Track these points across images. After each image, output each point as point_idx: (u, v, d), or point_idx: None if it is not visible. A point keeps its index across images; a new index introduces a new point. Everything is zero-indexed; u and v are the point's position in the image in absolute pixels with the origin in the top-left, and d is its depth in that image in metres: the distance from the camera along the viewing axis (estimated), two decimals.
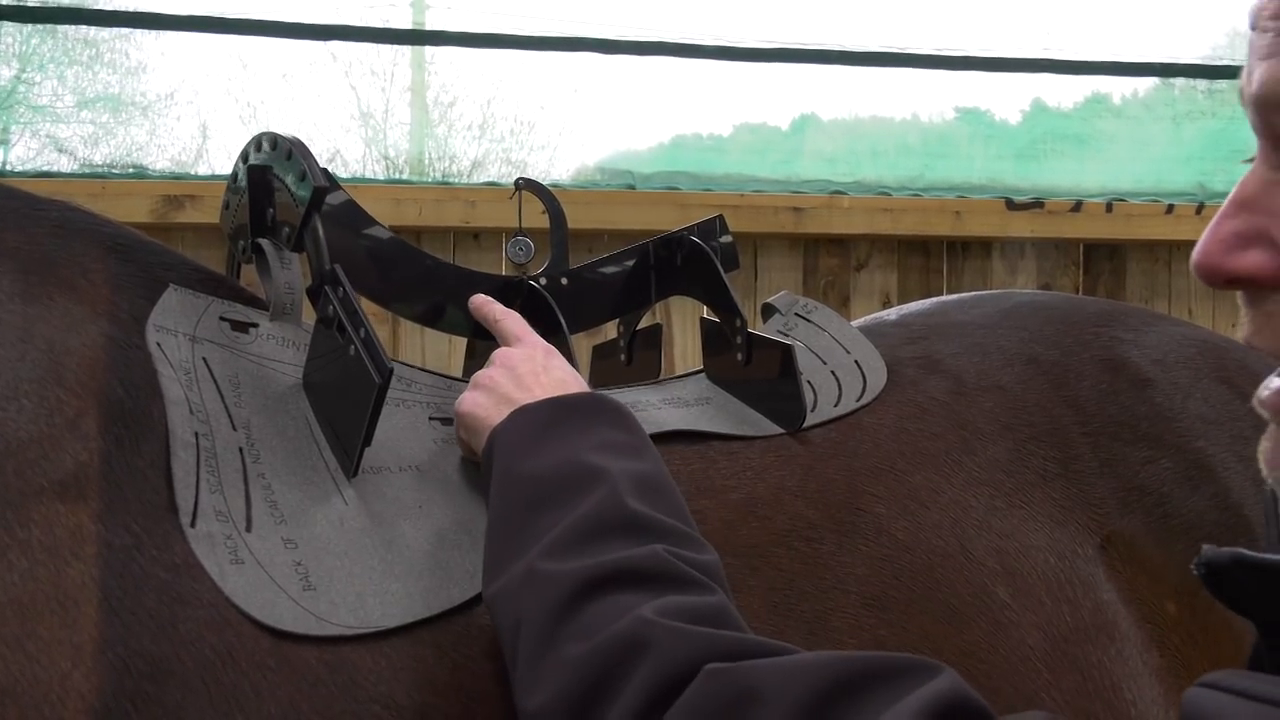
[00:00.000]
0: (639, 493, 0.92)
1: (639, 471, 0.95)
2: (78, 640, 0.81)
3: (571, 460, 0.94)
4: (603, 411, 1.01)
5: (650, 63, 3.22)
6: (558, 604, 0.84)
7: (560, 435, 0.97)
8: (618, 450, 0.97)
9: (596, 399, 1.02)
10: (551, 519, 0.90)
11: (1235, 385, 1.27)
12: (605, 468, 0.93)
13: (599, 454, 0.95)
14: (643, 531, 0.89)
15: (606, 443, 0.97)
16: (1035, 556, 1.11)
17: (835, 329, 1.31)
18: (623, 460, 0.95)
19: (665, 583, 0.84)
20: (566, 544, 0.88)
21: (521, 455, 0.96)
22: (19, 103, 3.21)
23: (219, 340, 1.02)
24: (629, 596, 0.82)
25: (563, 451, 0.95)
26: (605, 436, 0.98)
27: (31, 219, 0.99)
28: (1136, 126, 3.56)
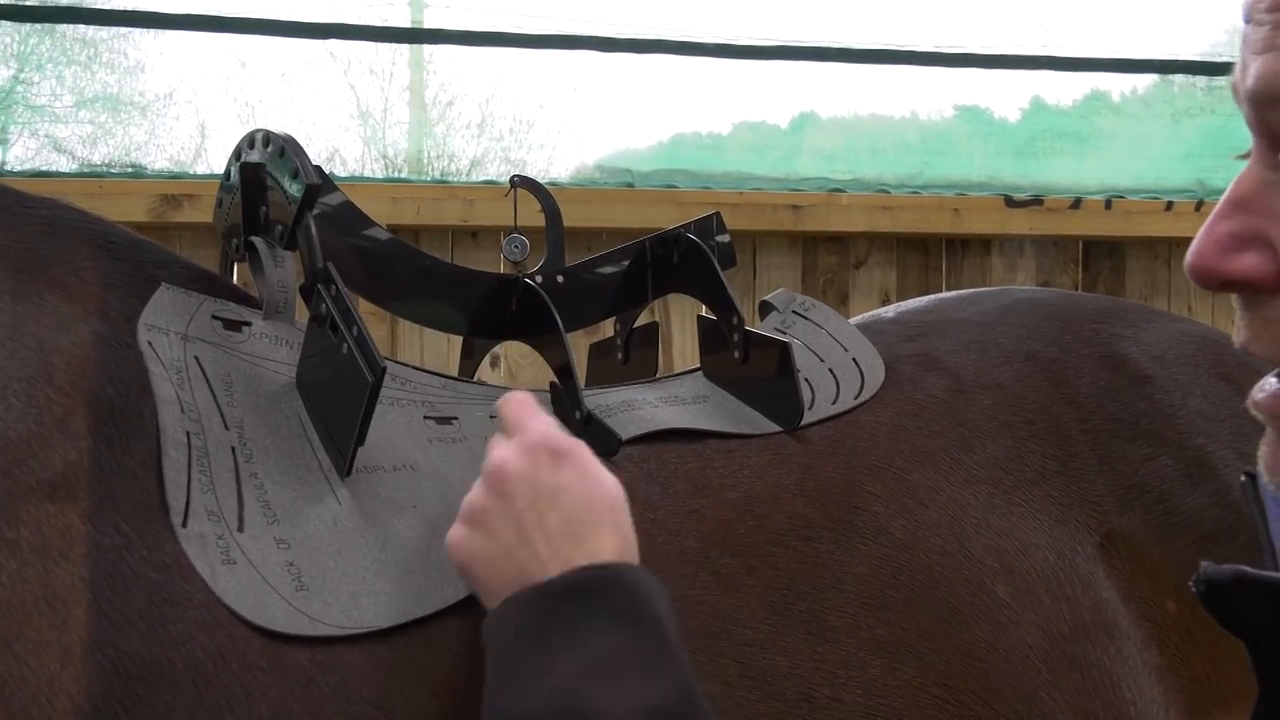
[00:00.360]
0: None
1: (637, 707, 0.78)
2: (67, 642, 0.81)
3: (563, 702, 0.78)
4: (610, 602, 0.83)
5: (649, 61, 3.21)
6: None
7: (550, 653, 0.81)
8: (612, 673, 0.80)
9: (600, 580, 0.84)
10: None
11: (1235, 382, 1.26)
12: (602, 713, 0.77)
13: (597, 684, 0.79)
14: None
15: (608, 660, 0.80)
16: (1034, 554, 1.11)
17: (833, 326, 1.30)
18: (627, 691, 0.79)
19: None
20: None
21: (512, 686, 0.81)
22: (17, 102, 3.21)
23: (211, 339, 1.01)
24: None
25: (551, 682, 0.79)
26: (605, 647, 0.81)
27: (21, 217, 0.99)
28: (1136, 124, 3.56)
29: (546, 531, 0.86)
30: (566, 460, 0.89)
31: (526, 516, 0.87)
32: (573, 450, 0.90)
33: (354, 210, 1.17)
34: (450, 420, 1.08)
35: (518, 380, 2.77)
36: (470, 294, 1.23)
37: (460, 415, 1.09)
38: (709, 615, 1.00)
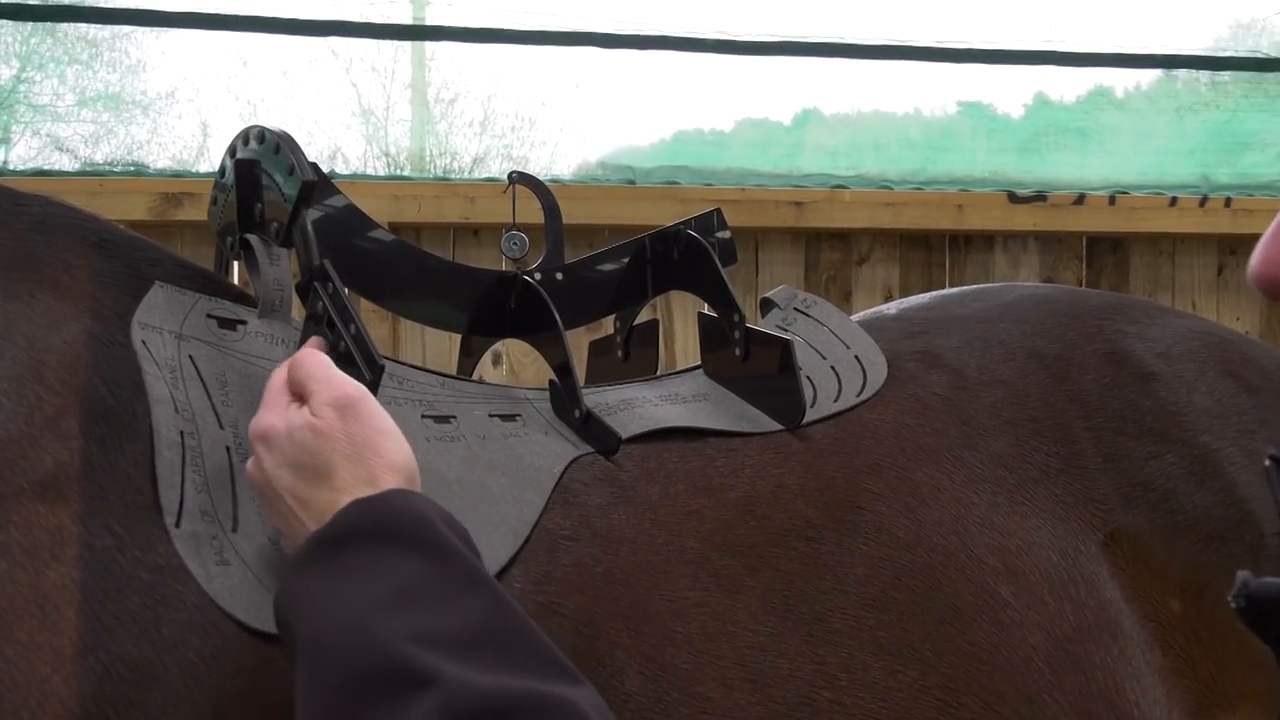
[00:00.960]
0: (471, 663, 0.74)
1: (457, 635, 0.75)
2: (58, 644, 0.80)
3: (368, 644, 0.75)
4: (396, 537, 0.80)
5: (651, 58, 3.20)
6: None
7: (346, 594, 0.77)
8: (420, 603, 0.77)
9: (383, 518, 0.81)
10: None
11: (1241, 378, 1.25)
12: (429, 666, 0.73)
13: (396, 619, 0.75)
14: None
15: (406, 593, 0.77)
16: (1038, 554, 1.10)
17: (835, 324, 1.29)
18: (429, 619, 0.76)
19: None
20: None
21: (310, 630, 0.77)
22: (19, 102, 3.20)
23: (206, 338, 1.00)
24: None
25: (351, 621, 0.76)
26: (401, 579, 0.78)
27: (12, 214, 0.98)
28: (1139, 119, 3.55)
29: (291, 491, 0.85)
30: (294, 426, 0.87)
31: (267, 487, 0.87)
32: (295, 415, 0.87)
33: (352, 208, 1.16)
34: (448, 419, 1.07)
35: (520, 378, 2.76)
36: (469, 292, 1.22)
37: (458, 414, 1.08)
38: (709, 617, 0.99)
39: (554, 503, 1.03)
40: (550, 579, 0.98)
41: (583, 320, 1.30)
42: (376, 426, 0.86)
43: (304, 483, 0.84)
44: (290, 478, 0.85)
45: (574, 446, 1.09)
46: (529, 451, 1.07)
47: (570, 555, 1.00)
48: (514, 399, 1.14)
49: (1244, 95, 3.51)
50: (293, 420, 0.87)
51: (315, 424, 0.85)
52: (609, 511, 1.03)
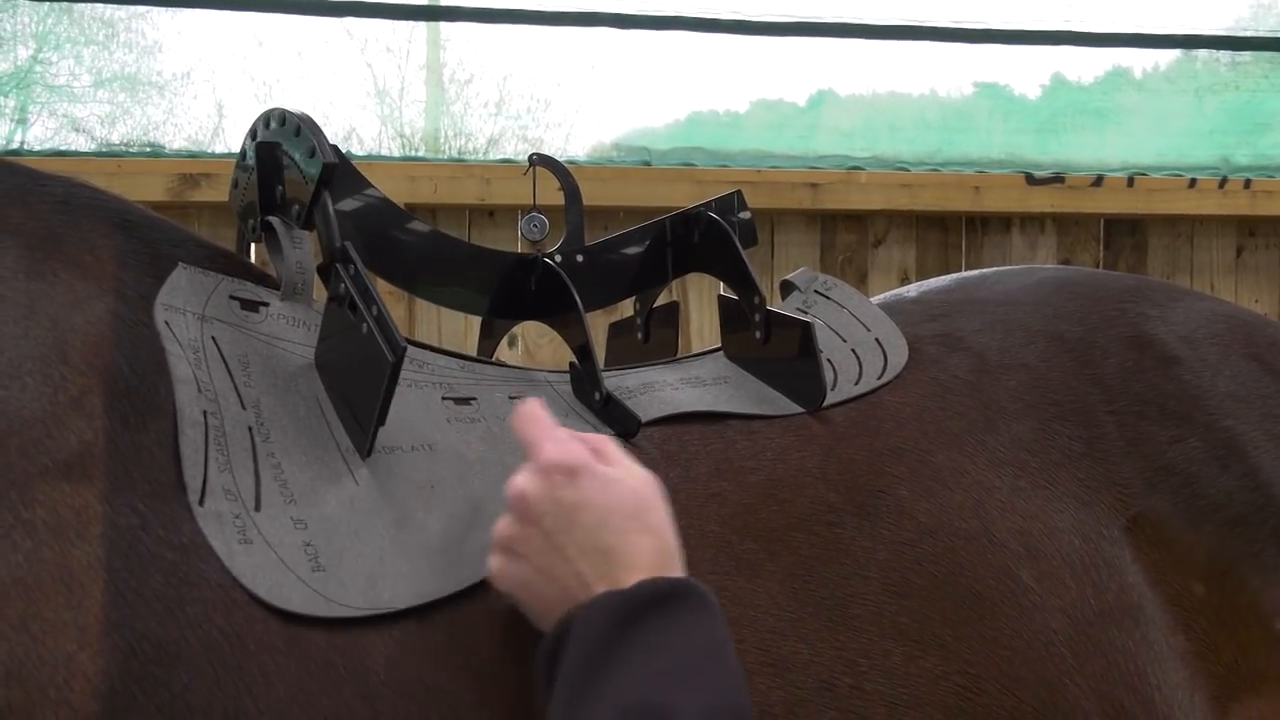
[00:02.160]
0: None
1: (712, 707, 0.81)
2: (83, 622, 0.80)
3: (637, 704, 0.80)
4: (673, 608, 0.85)
5: (666, 38, 3.19)
6: None
7: (616, 661, 0.82)
8: (686, 678, 0.82)
9: (670, 591, 0.86)
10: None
11: (1265, 362, 1.24)
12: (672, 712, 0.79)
13: (665, 690, 0.81)
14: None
15: (677, 665, 0.82)
16: (1060, 539, 1.09)
17: (855, 306, 1.29)
18: (691, 695, 0.81)
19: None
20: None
21: (575, 700, 0.82)
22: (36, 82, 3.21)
23: (228, 319, 1.00)
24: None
25: (626, 690, 0.81)
26: (672, 653, 0.83)
27: (36, 194, 0.98)
28: (1158, 100, 3.53)
29: (579, 547, 0.88)
30: (582, 475, 0.90)
31: (555, 537, 0.89)
32: (586, 464, 0.90)
33: (372, 190, 1.16)
34: (469, 401, 1.07)
35: (535, 359, 2.77)
36: (489, 274, 1.22)
37: (479, 396, 1.08)
38: (729, 601, 0.98)
39: None
40: None
41: (603, 303, 1.30)
42: None
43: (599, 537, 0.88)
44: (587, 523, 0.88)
45: (594, 429, 1.09)
46: None
47: None
48: (534, 381, 1.14)
49: (1264, 76, 3.49)
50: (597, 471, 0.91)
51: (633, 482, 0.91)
52: None
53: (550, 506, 0.89)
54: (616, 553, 0.87)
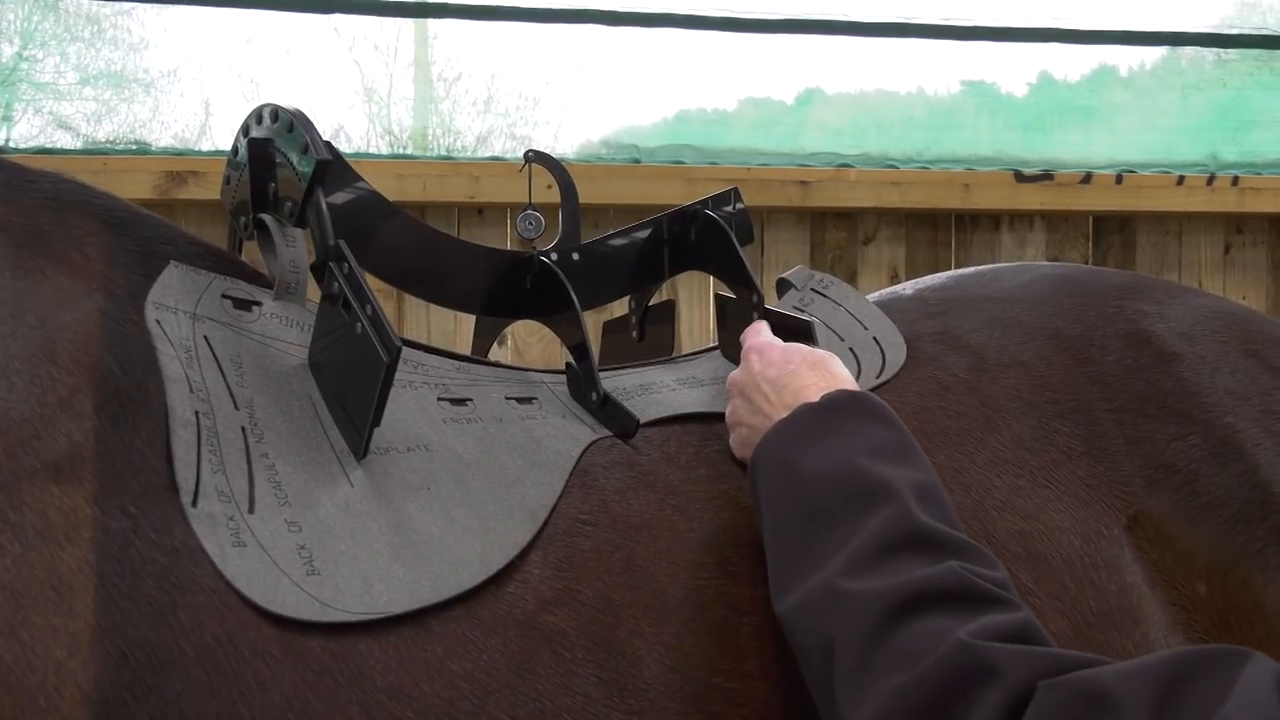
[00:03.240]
0: (922, 503, 0.92)
1: (918, 482, 0.95)
2: (74, 628, 0.79)
3: (850, 469, 0.95)
4: (868, 410, 1.01)
5: (655, 36, 3.18)
6: (870, 627, 0.84)
7: (833, 440, 0.97)
8: (892, 455, 0.97)
9: (859, 398, 1.02)
10: (842, 533, 0.91)
11: (1263, 358, 1.24)
12: (888, 480, 0.93)
13: (876, 460, 0.95)
14: (937, 547, 0.89)
15: (880, 446, 0.97)
16: (1059, 538, 1.09)
17: (852, 305, 1.28)
18: (900, 467, 0.95)
19: (971, 602, 0.85)
20: (864, 561, 0.88)
21: (796, 466, 0.97)
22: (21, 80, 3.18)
23: (221, 318, 0.99)
24: (941, 619, 0.83)
25: (840, 457, 0.96)
26: (877, 438, 0.98)
27: (23, 191, 0.96)
28: (1145, 97, 3.53)
29: (767, 395, 1.06)
30: (768, 350, 1.10)
31: (753, 396, 1.07)
32: (770, 343, 1.13)
33: (365, 188, 1.14)
34: (464, 401, 1.06)
35: (525, 357, 2.75)
36: (484, 273, 1.21)
37: (474, 396, 1.07)
38: (729, 608, 0.98)
39: (573, 486, 1.02)
40: (569, 564, 0.96)
41: (599, 301, 1.29)
42: None
43: (781, 384, 1.06)
44: (772, 378, 1.07)
45: (591, 430, 1.08)
46: (546, 434, 1.06)
47: (589, 540, 0.98)
48: (530, 381, 1.13)
49: (1250, 73, 3.49)
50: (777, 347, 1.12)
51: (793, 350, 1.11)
52: (628, 496, 1.02)
53: (748, 379, 1.09)
54: (790, 386, 1.05)
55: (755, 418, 1.05)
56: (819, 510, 0.93)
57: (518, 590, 0.93)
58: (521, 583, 0.94)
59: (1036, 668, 0.77)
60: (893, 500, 0.92)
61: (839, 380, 1.07)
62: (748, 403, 1.08)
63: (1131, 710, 0.71)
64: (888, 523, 0.90)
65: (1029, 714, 0.74)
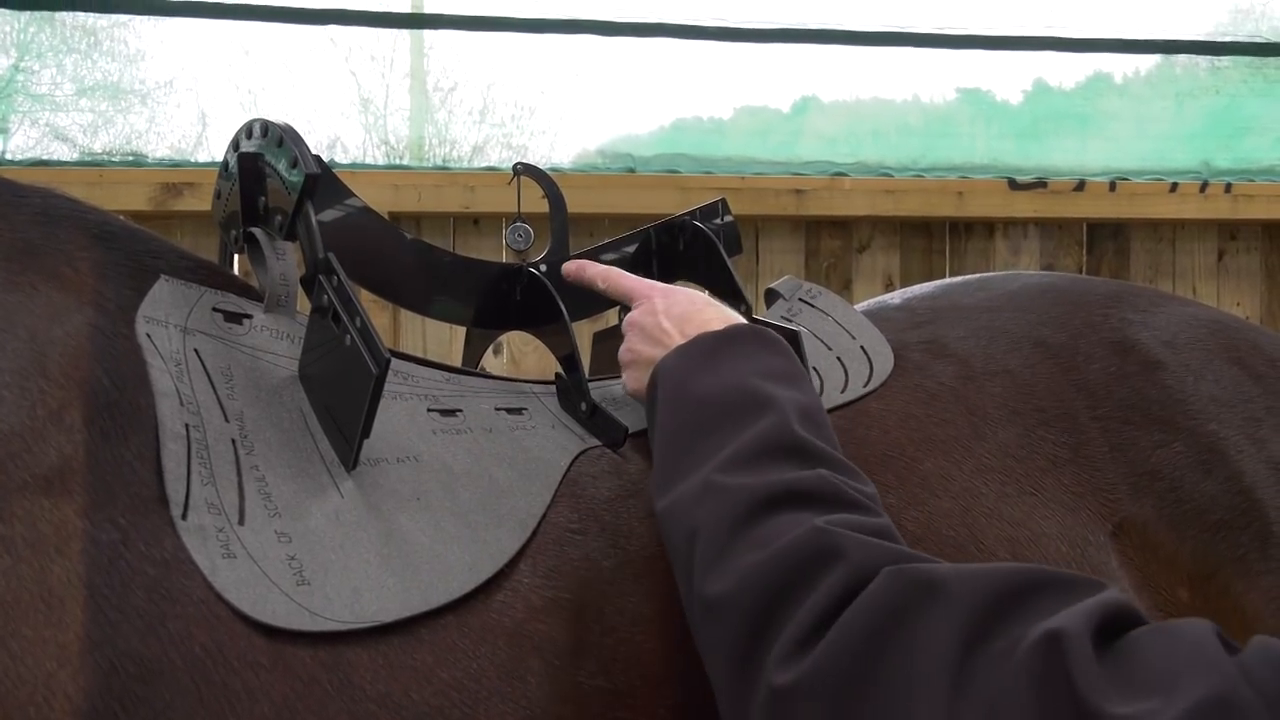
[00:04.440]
0: (802, 421, 0.96)
1: (801, 401, 0.99)
2: (63, 639, 0.79)
3: (740, 385, 0.99)
4: (765, 340, 1.05)
5: (650, 45, 3.19)
6: (735, 515, 0.88)
7: (727, 362, 1.02)
8: (781, 378, 1.01)
9: (758, 330, 1.06)
10: (723, 438, 0.95)
11: (1247, 366, 1.24)
12: (772, 394, 0.98)
13: (765, 380, 0.99)
14: (810, 457, 0.93)
15: (771, 370, 1.01)
16: (1047, 545, 1.09)
17: (840, 314, 1.29)
18: (786, 389, 0.99)
19: (834, 503, 0.89)
20: (740, 461, 0.92)
21: (690, 381, 1.01)
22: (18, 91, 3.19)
23: (211, 332, 1.00)
24: (802, 513, 0.87)
25: (731, 377, 1.00)
26: (769, 364, 1.02)
27: (13, 206, 0.97)
28: (1139, 105, 3.53)
29: (666, 328, 1.08)
30: (672, 296, 1.12)
31: (652, 330, 1.10)
32: (663, 286, 1.15)
33: (355, 201, 1.15)
34: (454, 413, 1.06)
35: (520, 367, 2.76)
36: (474, 285, 1.22)
37: (464, 407, 1.07)
38: None
39: (562, 495, 1.02)
40: (558, 573, 0.97)
41: (588, 312, 1.30)
42: None
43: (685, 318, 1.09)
44: (676, 314, 1.10)
45: (580, 440, 1.08)
46: (536, 445, 1.06)
47: (579, 549, 0.99)
48: (520, 392, 1.13)
49: (1244, 80, 3.50)
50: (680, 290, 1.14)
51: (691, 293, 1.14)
52: (617, 504, 1.03)
53: (650, 318, 1.11)
54: (694, 319, 1.08)
55: (655, 349, 1.08)
56: (705, 420, 0.97)
57: (507, 599, 0.94)
58: (511, 591, 0.95)
59: (883, 556, 0.80)
60: (775, 413, 0.96)
61: (731, 316, 1.11)
62: (647, 338, 1.10)
63: (963, 604, 0.73)
64: (767, 431, 0.94)
65: (865, 593, 0.77)
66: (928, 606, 0.74)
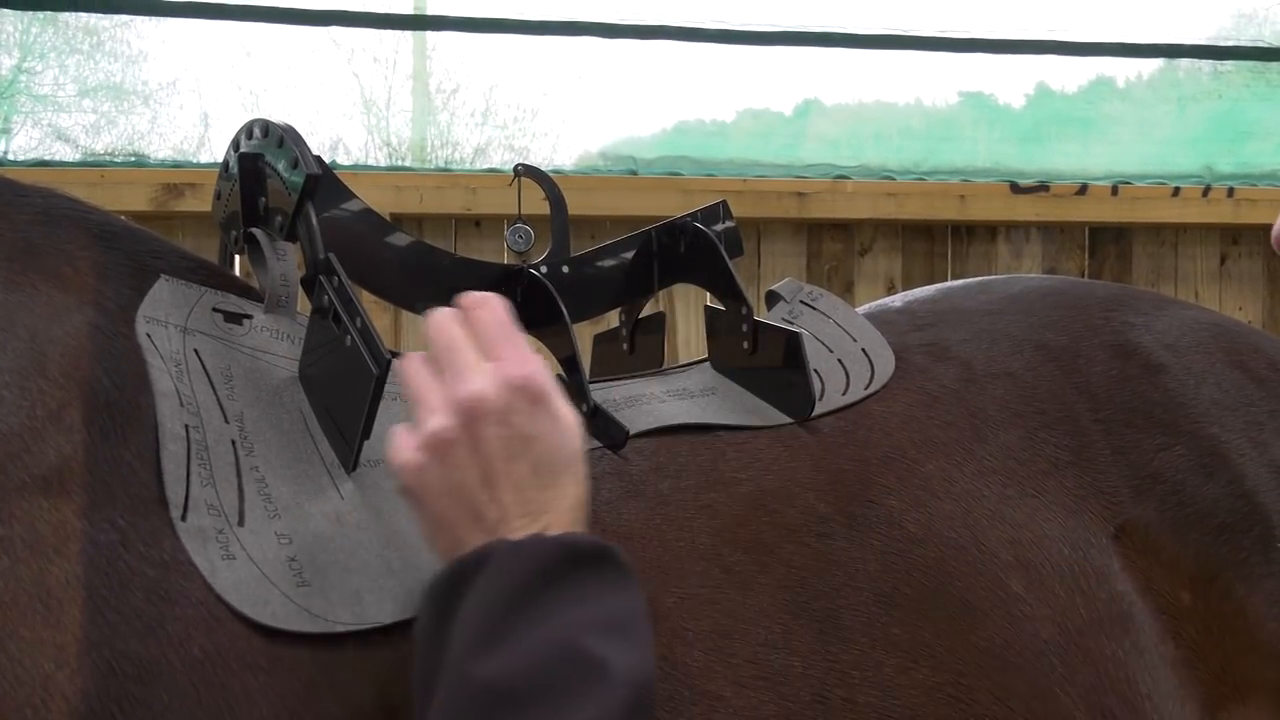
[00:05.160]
0: (631, 713, 0.75)
1: (634, 679, 0.76)
2: (62, 641, 0.79)
3: (565, 649, 0.76)
4: (611, 565, 0.82)
5: (652, 47, 3.19)
6: None
7: (561, 601, 0.78)
8: (618, 630, 0.78)
9: (603, 548, 0.82)
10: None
11: (1249, 369, 1.24)
12: (604, 664, 0.75)
13: (600, 638, 0.77)
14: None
15: (612, 619, 0.79)
16: (1049, 547, 1.09)
17: (841, 316, 1.29)
18: (623, 650, 0.77)
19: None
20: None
21: (509, 617, 0.77)
22: (20, 92, 3.19)
23: (211, 332, 0.99)
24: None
25: (558, 630, 0.76)
26: (610, 609, 0.80)
27: (15, 206, 0.97)
28: (1141, 109, 3.53)
29: (514, 479, 0.83)
30: (544, 405, 0.84)
31: (496, 461, 0.83)
32: (551, 395, 0.85)
33: (355, 201, 1.15)
34: None
35: None
36: (473, 285, 1.21)
37: None
38: (721, 614, 0.98)
39: None
40: None
41: (589, 314, 1.29)
42: None
43: (534, 476, 0.83)
44: (521, 464, 0.83)
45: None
46: None
47: None
48: None
49: (1246, 85, 3.50)
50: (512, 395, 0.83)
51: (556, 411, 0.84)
52: (619, 506, 1.03)
53: (502, 429, 0.83)
54: (547, 497, 0.83)
55: (476, 490, 0.83)
56: (515, 695, 0.74)
57: None
58: None
59: None
60: (600, 700, 0.74)
61: (584, 499, 0.86)
62: (481, 453, 0.82)
63: None
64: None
65: None
66: None
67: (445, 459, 0.83)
